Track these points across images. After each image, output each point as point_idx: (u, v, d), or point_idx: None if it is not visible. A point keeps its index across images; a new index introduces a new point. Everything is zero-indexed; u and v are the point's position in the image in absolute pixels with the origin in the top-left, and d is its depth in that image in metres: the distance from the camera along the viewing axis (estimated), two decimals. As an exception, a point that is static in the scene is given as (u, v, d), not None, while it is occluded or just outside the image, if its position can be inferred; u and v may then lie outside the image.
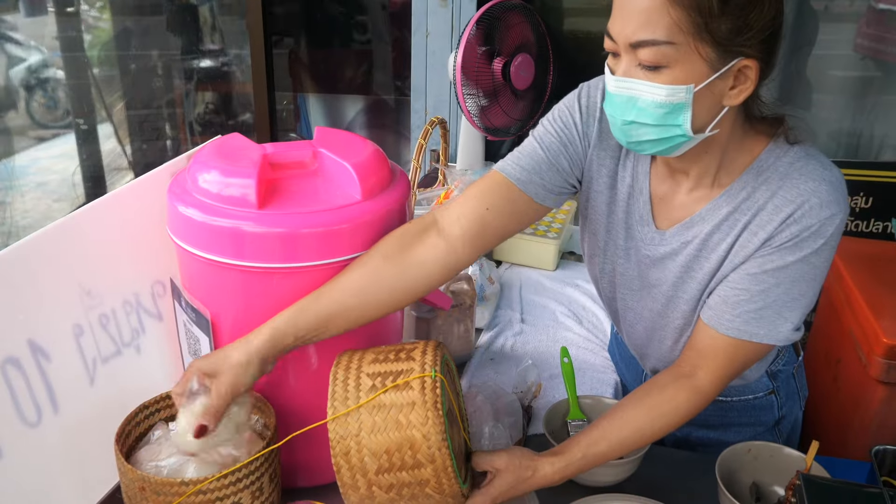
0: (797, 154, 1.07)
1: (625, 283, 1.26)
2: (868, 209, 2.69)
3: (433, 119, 1.77)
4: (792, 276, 1.06)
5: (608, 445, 1.10)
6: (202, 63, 4.13)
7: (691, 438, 1.45)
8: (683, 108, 0.98)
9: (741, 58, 0.97)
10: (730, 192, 1.10)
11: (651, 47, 0.95)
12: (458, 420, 1.08)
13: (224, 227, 1.05)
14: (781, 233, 1.05)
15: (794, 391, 1.45)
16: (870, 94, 3.27)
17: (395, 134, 3.39)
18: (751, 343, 1.09)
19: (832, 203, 1.03)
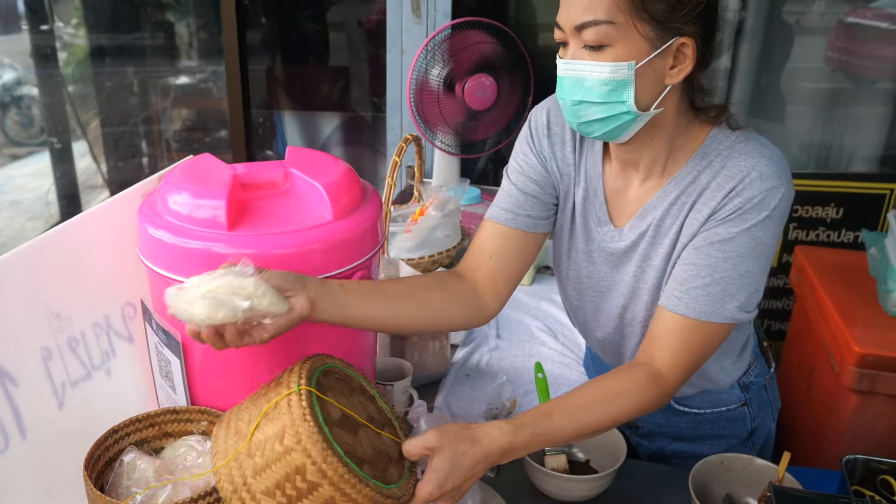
0: (738, 137, 1.12)
1: (591, 285, 1.29)
2: (839, 220, 2.73)
3: (407, 136, 1.77)
4: (738, 251, 1.08)
5: (562, 417, 1.05)
6: (179, 80, 4.12)
7: (665, 451, 1.46)
8: (627, 84, 1.04)
9: (678, 36, 1.04)
10: (677, 177, 1.15)
11: (593, 27, 1.02)
12: (370, 423, 1.00)
13: (194, 248, 1.05)
14: (725, 206, 1.09)
15: (767, 403, 1.46)
16: (840, 105, 3.32)
17: (372, 150, 3.40)
18: (701, 323, 1.10)
19: (773, 176, 1.07)
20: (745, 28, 3.13)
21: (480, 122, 2.27)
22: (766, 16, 3.12)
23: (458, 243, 1.94)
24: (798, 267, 2.43)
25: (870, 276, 2.24)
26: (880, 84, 3.27)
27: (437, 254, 1.85)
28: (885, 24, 3.24)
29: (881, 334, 2.01)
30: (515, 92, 2.28)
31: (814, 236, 2.76)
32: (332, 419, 0.93)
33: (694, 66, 1.07)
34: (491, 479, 1.29)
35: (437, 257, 1.85)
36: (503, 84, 2.21)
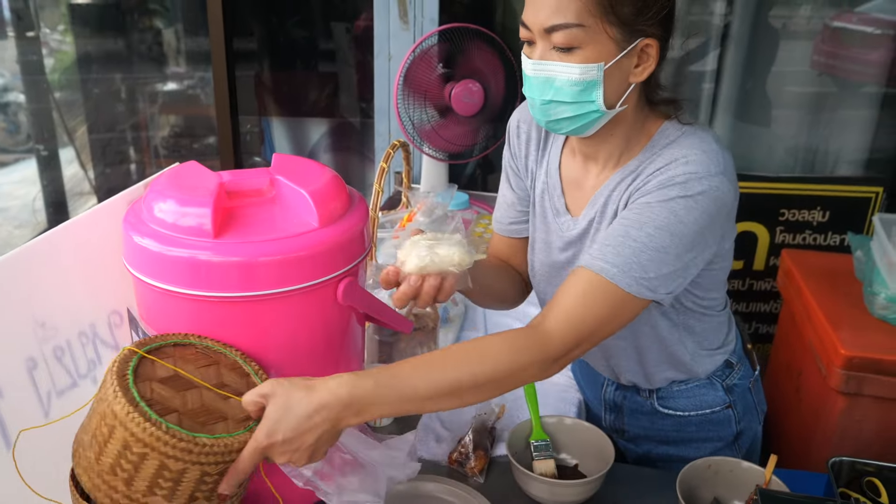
0: (686, 132, 1.15)
1: (551, 276, 1.33)
2: (825, 223, 2.75)
3: (395, 142, 1.77)
4: (655, 221, 1.07)
5: (413, 371, 1.00)
6: (167, 86, 4.12)
7: (652, 455, 1.47)
8: (596, 84, 1.08)
9: (643, 37, 1.08)
10: (625, 168, 1.18)
11: (563, 30, 1.05)
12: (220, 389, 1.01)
13: (180, 257, 1.05)
14: (648, 182, 1.11)
15: (752, 406, 1.47)
16: (826, 109, 3.34)
17: (360, 156, 3.40)
18: (603, 280, 1.06)
19: (699, 164, 1.08)
20: (731, 32, 3.15)
21: (468, 127, 2.27)
22: (751, 20, 3.14)
23: (447, 249, 1.94)
24: (785, 270, 2.45)
25: (856, 278, 2.26)
26: (865, 88, 3.30)
27: (425, 259, 1.85)
28: (871, 28, 3.27)
29: (867, 336, 2.03)
30: (502, 98, 2.29)
31: (800, 239, 2.77)
32: (155, 377, 0.97)
33: (657, 63, 1.12)
34: (479, 485, 1.29)
35: (426, 263, 1.85)
36: (491, 90, 2.22)
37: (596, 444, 1.30)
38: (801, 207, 2.74)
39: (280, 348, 1.12)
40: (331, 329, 1.16)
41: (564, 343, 1.06)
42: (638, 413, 1.45)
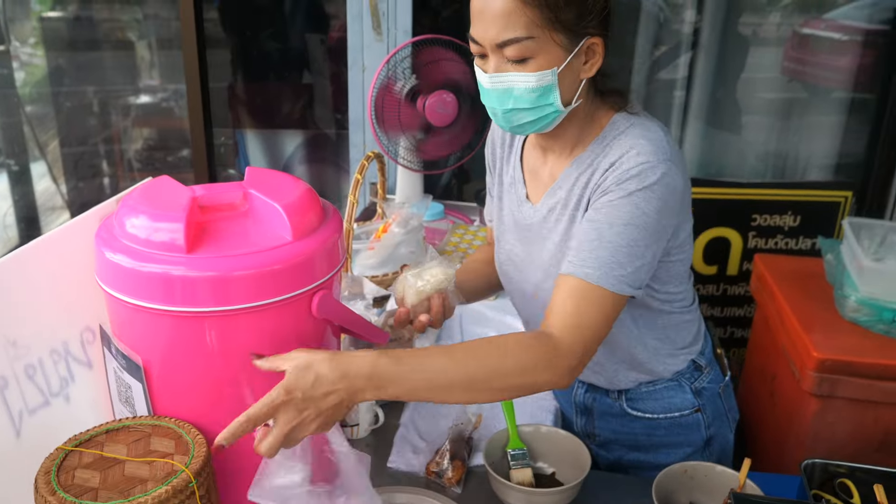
0: (634, 122, 1.22)
1: (513, 266, 1.38)
2: (797, 227, 2.78)
3: (369, 154, 1.78)
4: (622, 219, 1.13)
5: (435, 356, 1.05)
6: (140, 99, 4.09)
7: (623, 462, 1.49)
8: (552, 88, 1.15)
9: (588, 37, 1.15)
10: (579, 160, 1.24)
11: (515, 44, 1.11)
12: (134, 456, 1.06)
13: (153, 272, 1.04)
14: (606, 179, 1.17)
15: (722, 412, 1.48)
16: (796, 115, 3.39)
17: (335, 167, 3.40)
18: (591, 286, 1.12)
19: (649, 154, 1.15)
20: (701, 40, 3.18)
21: (442, 137, 2.28)
22: (721, 27, 3.18)
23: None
24: (758, 275, 2.48)
25: (827, 282, 2.29)
26: (834, 93, 3.35)
27: (401, 270, 1.85)
28: (839, 34, 3.32)
29: (839, 339, 2.06)
30: (477, 109, 2.30)
31: (773, 244, 2.81)
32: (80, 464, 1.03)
33: (603, 57, 1.18)
34: (457, 495, 1.29)
35: (402, 273, 1.85)
36: (464, 101, 2.23)
37: (572, 452, 1.31)
38: (772, 212, 2.77)
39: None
40: (306, 342, 1.15)
41: (573, 346, 1.11)
42: (608, 415, 1.47)
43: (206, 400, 1.13)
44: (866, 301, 2.05)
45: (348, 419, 1.40)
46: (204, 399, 1.13)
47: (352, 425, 1.41)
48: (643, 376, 1.40)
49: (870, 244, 2.19)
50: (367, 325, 1.26)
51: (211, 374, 1.11)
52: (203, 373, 1.11)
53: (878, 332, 2.06)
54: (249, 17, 3.52)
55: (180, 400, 1.14)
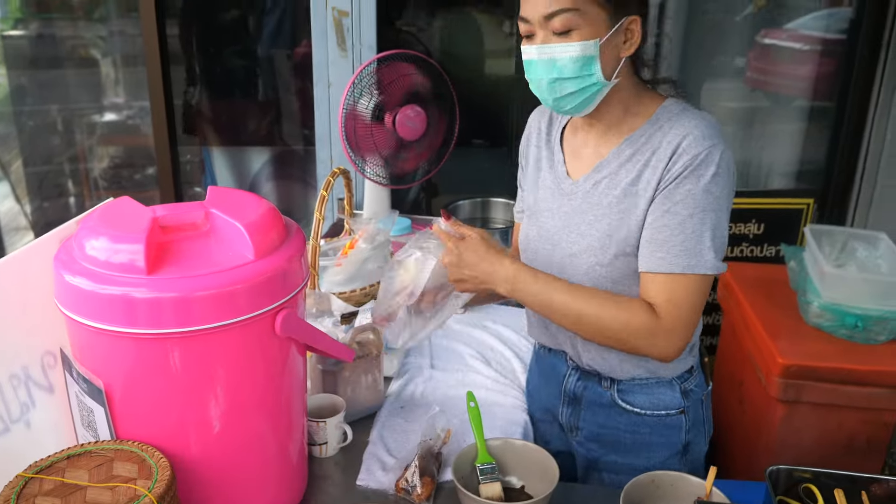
0: (684, 107, 1.31)
1: (551, 234, 1.42)
2: (761, 235, 2.83)
3: (335, 170, 1.77)
4: (701, 206, 1.24)
5: (563, 285, 1.29)
6: (106, 117, 4.04)
7: (600, 463, 1.50)
8: (594, 59, 1.24)
9: (628, 15, 1.25)
10: (631, 138, 1.32)
11: (561, 15, 1.22)
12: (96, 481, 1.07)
13: (113, 295, 1.03)
14: (675, 164, 1.25)
15: (701, 421, 1.50)
16: (759, 124, 3.44)
17: (303, 183, 3.38)
18: (686, 276, 1.25)
19: (711, 136, 1.24)
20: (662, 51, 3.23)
21: (412, 151, 2.28)
22: (681, 39, 3.23)
23: (391, 274, 1.95)
24: (724, 283, 2.51)
25: (791, 288, 2.33)
26: (796, 102, 3.41)
27: (368, 286, 1.85)
28: (799, 44, 3.38)
29: (804, 345, 2.09)
30: (443, 122, 2.31)
31: (738, 252, 2.85)
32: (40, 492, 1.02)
33: (641, 38, 1.27)
34: (427, 511, 1.29)
35: (370, 289, 1.85)
36: (431, 114, 2.24)
37: (541, 465, 1.31)
38: (737, 221, 2.81)
39: (219, 382, 1.11)
40: (270, 361, 1.15)
41: (677, 334, 1.27)
42: (596, 406, 1.47)
43: (169, 422, 1.12)
44: (829, 306, 2.08)
45: (317, 438, 1.39)
46: (168, 421, 1.12)
47: (320, 443, 1.40)
48: (641, 372, 1.42)
49: (831, 250, 2.23)
50: (333, 343, 1.25)
51: (174, 395, 1.10)
52: (166, 395, 1.10)
53: (841, 336, 2.10)
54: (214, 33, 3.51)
55: (144, 423, 1.12)
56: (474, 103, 3.18)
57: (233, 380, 1.12)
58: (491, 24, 3.54)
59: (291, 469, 1.27)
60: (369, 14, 2.41)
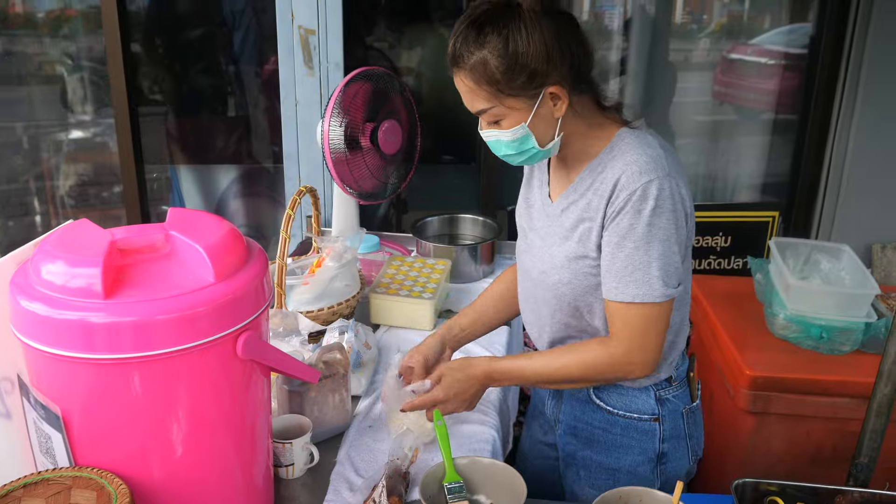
0: (634, 137, 1.35)
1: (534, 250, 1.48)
2: (728, 248, 2.86)
3: (301, 188, 1.77)
4: (645, 238, 1.30)
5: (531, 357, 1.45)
6: (72, 134, 4.00)
7: (576, 458, 1.54)
8: (527, 137, 1.34)
9: (545, 87, 1.29)
10: (591, 166, 1.39)
11: (485, 112, 1.34)
12: None
13: (70, 320, 1.01)
14: (616, 200, 1.31)
15: (683, 435, 1.51)
16: (725, 137, 3.49)
17: (272, 201, 3.36)
18: (636, 304, 1.32)
19: (648, 171, 1.29)
20: (628, 68, 3.27)
21: (392, 165, 2.28)
22: (647, 55, 3.27)
23: (359, 292, 1.94)
24: (692, 296, 2.52)
25: (757, 300, 2.35)
26: (762, 116, 3.46)
27: (336, 305, 1.84)
28: (764, 59, 3.45)
29: (770, 356, 2.11)
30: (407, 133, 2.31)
31: (706, 265, 2.88)
32: None
33: (568, 97, 1.31)
34: (394, 533, 1.28)
35: (337, 308, 1.84)
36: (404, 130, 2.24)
37: (509, 483, 1.31)
38: (704, 234, 2.84)
39: (180, 406, 1.09)
40: (233, 384, 1.14)
41: (645, 362, 1.36)
42: (574, 400, 1.54)
43: (129, 448, 1.10)
44: (794, 318, 2.11)
45: (283, 459, 1.38)
46: (128, 447, 1.10)
47: (286, 465, 1.39)
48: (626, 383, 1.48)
49: (795, 263, 2.26)
50: (296, 364, 1.24)
51: (134, 420, 1.08)
52: (126, 420, 1.08)
53: (807, 347, 2.12)
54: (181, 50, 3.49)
55: (103, 449, 1.10)
56: (443, 120, 3.20)
57: (194, 403, 1.10)
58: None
59: (257, 492, 1.26)
60: (336, 32, 2.41)
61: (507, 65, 1.26)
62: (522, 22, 1.26)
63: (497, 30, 1.26)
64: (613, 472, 1.50)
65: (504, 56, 1.26)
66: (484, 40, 1.27)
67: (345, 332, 1.70)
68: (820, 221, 2.98)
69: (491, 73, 1.27)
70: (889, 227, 2.94)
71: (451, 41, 1.31)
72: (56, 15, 3.94)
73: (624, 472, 1.50)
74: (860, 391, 1.95)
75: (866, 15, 2.79)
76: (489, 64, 1.27)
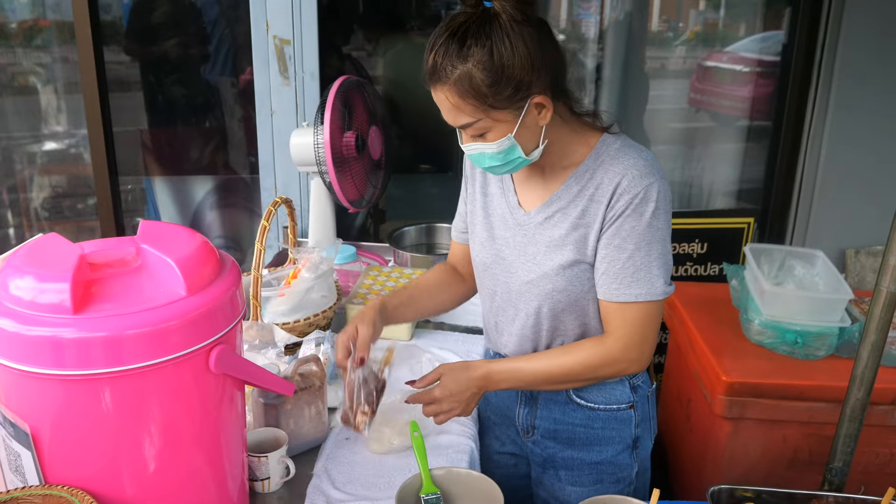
0: (622, 142, 1.40)
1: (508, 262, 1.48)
2: (704, 254, 2.87)
3: (276, 199, 1.76)
4: (646, 239, 1.34)
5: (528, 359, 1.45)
6: (46, 145, 3.96)
7: (556, 459, 1.56)
8: (513, 147, 1.33)
9: (529, 98, 1.29)
10: (576, 174, 1.40)
11: (469, 127, 1.31)
12: None
13: (40, 335, 1.00)
14: (617, 203, 1.34)
15: (648, 417, 1.57)
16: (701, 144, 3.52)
17: (249, 212, 3.35)
18: (644, 304, 1.36)
19: (649, 174, 1.33)
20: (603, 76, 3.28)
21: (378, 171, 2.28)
22: (622, 64, 3.29)
23: (335, 303, 1.93)
24: (669, 302, 2.54)
25: (733, 306, 2.36)
26: (738, 122, 3.49)
27: (312, 316, 1.83)
28: (739, 66, 3.48)
29: (746, 362, 2.12)
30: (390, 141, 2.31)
31: (683, 271, 2.89)
32: None
33: (553, 105, 1.32)
34: (371, 546, 1.27)
35: (314, 319, 1.83)
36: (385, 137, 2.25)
37: (486, 493, 1.31)
38: (681, 241, 2.86)
39: (153, 422, 1.08)
40: (206, 398, 1.13)
41: (643, 363, 1.42)
42: (551, 403, 1.54)
43: (101, 464, 1.09)
44: (769, 324, 2.12)
45: (258, 473, 1.37)
46: (99, 463, 1.09)
47: (262, 479, 1.37)
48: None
49: (769, 269, 2.27)
50: (270, 378, 1.23)
51: (106, 437, 1.07)
52: (97, 436, 1.07)
53: (783, 353, 2.13)
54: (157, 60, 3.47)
55: (74, 466, 1.09)
56: (420, 130, 3.20)
57: (167, 418, 1.09)
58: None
59: (232, 507, 1.25)
60: (311, 42, 2.40)
61: (493, 78, 1.24)
62: (504, 32, 1.23)
63: (480, 42, 1.23)
64: (596, 466, 1.54)
65: (489, 69, 1.23)
66: (467, 53, 1.23)
67: (321, 344, 1.69)
68: (794, 227, 3.01)
69: (476, 86, 1.24)
70: (862, 232, 2.97)
71: (430, 55, 1.26)
72: (29, 25, 3.91)
73: (606, 463, 1.54)
74: (835, 395, 1.96)
75: (837, 22, 2.83)
76: (474, 77, 1.24)
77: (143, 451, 1.09)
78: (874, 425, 1.98)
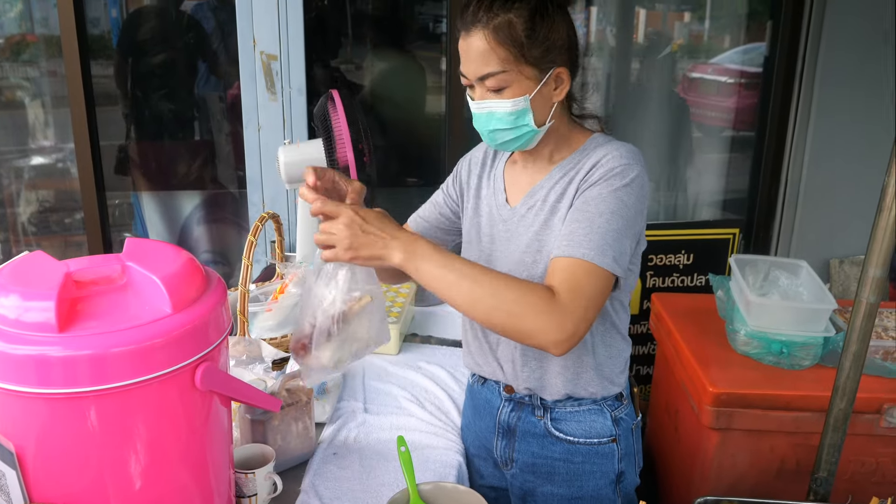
0: (609, 139, 1.43)
1: (489, 258, 1.49)
2: (690, 265, 2.89)
3: (263, 215, 1.76)
4: (609, 208, 1.30)
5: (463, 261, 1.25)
6: (34, 160, 3.95)
7: (536, 494, 1.51)
8: (526, 112, 1.34)
9: (554, 67, 1.33)
10: (562, 165, 1.42)
11: (491, 77, 1.32)
12: None
13: (24, 354, 1.00)
14: (591, 175, 1.35)
15: (633, 451, 1.53)
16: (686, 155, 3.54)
17: (237, 227, 3.34)
18: (586, 263, 1.26)
19: (631, 158, 1.34)
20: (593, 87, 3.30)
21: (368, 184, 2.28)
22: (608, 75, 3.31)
23: (323, 317, 1.93)
24: (656, 313, 2.55)
25: (719, 317, 2.38)
26: (723, 133, 3.52)
27: (300, 330, 1.83)
28: (724, 77, 3.51)
29: (733, 373, 2.13)
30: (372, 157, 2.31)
31: (669, 282, 2.91)
32: None
33: (570, 84, 1.37)
34: (359, 561, 1.27)
35: (302, 333, 1.83)
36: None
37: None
38: (667, 252, 2.88)
39: (138, 439, 1.08)
40: (192, 415, 1.13)
41: (572, 310, 1.22)
42: (530, 436, 1.50)
43: (87, 483, 1.08)
44: (755, 334, 2.14)
45: (245, 490, 1.37)
46: (85, 482, 1.08)
47: (249, 496, 1.37)
48: (577, 389, 1.45)
49: (754, 279, 2.29)
50: (257, 394, 1.24)
51: (91, 455, 1.06)
52: (83, 455, 1.06)
53: (769, 363, 2.15)
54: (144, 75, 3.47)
55: (59, 485, 1.09)
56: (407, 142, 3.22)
57: (152, 436, 1.09)
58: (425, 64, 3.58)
59: (218, 524, 1.24)
60: (298, 57, 2.42)
61: (531, 31, 1.30)
62: (548, 2, 1.33)
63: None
64: (577, 501, 1.50)
65: (530, 22, 1.30)
66: (511, 5, 1.30)
67: (309, 359, 1.68)
68: (779, 237, 3.03)
69: (515, 35, 1.29)
70: (846, 242, 2.99)
71: (473, 2, 1.33)
72: (17, 40, 3.90)
73: (587, 498, 1.49)
74: (821, 405, 1.97)
75: (817, 33, 2.86)
76: (515, 26, 1.30)
77: (129, 469, 1.09)
78: (860, 434, 2.00)
